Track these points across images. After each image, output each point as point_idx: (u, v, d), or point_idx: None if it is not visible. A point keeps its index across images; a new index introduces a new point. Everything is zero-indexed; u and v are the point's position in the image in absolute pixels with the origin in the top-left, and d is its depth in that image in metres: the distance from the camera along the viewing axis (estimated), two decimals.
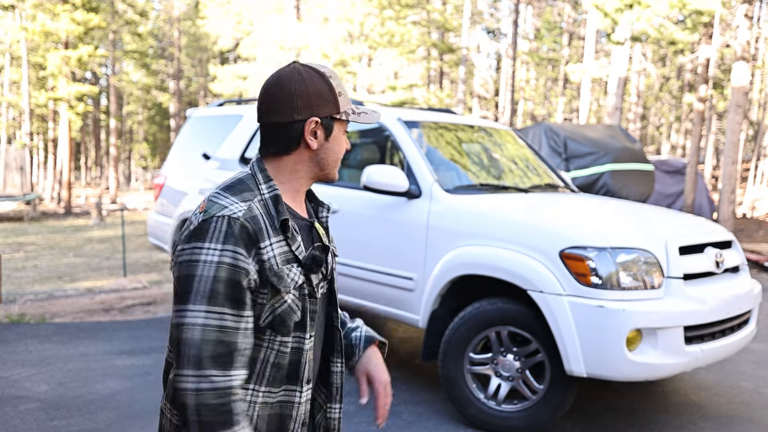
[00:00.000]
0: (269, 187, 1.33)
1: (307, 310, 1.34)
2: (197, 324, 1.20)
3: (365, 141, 4.74)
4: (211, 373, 1.19)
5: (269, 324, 1.30)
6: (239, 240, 1.23)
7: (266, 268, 1.26)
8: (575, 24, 27.02)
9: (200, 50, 36.78)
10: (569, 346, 3.07)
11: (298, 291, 1.32)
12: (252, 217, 1.26)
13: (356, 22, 18.27)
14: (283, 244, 1.31)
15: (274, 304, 1.29)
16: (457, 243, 3.56)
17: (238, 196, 1.29)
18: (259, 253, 1.25)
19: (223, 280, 1.21)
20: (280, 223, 1.30)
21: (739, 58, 10.49)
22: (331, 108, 1.36)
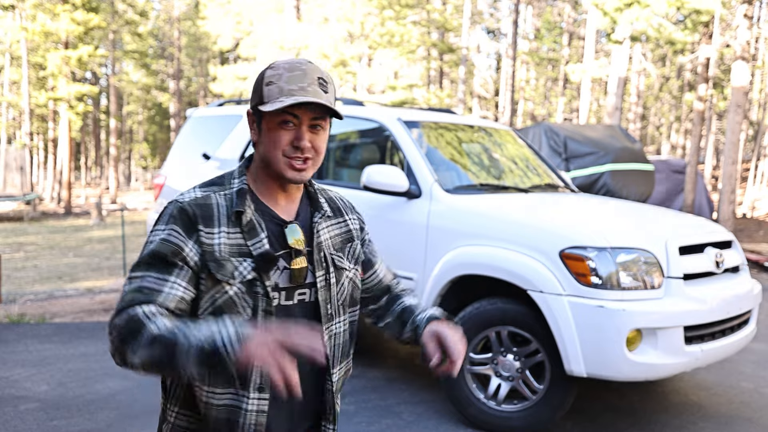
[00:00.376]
0: (240, 181, 1.34)
1: (259, 310, 1.29)
2: (126, 284, 1.27)
3: (365, 141, 4.74)
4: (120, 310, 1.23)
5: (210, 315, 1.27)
6: (178, 221, 1.28)
7: (207, 252, 1.27)
8: (575, 24, 27.02)
9: (200, 50, 36.78)
10: (569, 346, 3.07)
11: (247, 287, 1.28)
12: (201, 204, 1.30)
13: (356, 22, 18.27)
14: (239, 237, 1.29)
15: (215, 293, 1.27)
16: (457, 243, 3.56)
17: (205, 188, 1.34)
18: (200, 236, 1.27)
19: (154, 250, 1.26)
20: (235, 215, 1.30)
21: (739, 58, 10.49)
22: (256, 98, 1.33)
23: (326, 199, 1.49)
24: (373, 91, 19.33)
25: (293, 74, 1.29)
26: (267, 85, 1.30)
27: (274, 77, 1.29)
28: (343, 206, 1.53)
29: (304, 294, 1.36)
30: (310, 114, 1.30)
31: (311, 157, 1.32)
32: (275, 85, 1.29)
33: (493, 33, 34.22)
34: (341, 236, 1.46)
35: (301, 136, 1.30)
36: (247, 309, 1.28)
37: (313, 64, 1.32)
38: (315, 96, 1.28)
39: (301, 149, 1.30)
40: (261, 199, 1.36)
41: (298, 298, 1.35)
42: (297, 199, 1.40)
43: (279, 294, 1.32)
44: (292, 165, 1.31)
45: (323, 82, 1.31)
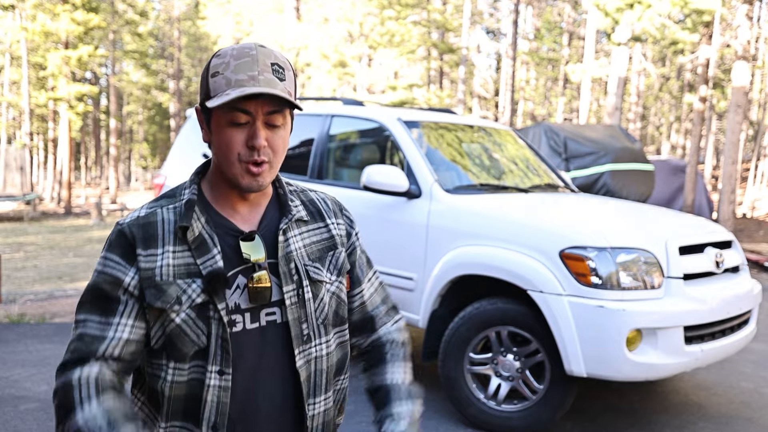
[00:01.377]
0: (190, 191, 1.19)
1: (213, 336, 1.12)
2: (72, 327, 1.17)
3: (365, 141, 4.74)
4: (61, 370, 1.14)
5: (162, 346, 1.14)
6: (115, 247, 1.15)
7: (145, 278, 1.13)
8: (575, 24, 27.03)
9: (200, 50, 36.79)
10: (569, 346, 3.07)
11: (198, 311, 1.12)
12: (143, 224, 1.15)
13: (356, 22, 18.27)
14: (187, 255, 1.14)
15: (164, 321, 1.13)
16: (457, 243, 3.56)
17: (154, 202, 1.21)
18: (138, 261, 1.13)
19: (93, 286, 1.16)
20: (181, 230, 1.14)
21: (739, 58, 10.49)
22: (203, 92, 1.16)
23: (303, 201, 1.30)
24: (373, 91, 19.32)
25: (241, 61, 1.10)
26: (213, 76, 1.12)
27: (220, 66, 1.11)
28: (326, 209, 1.32)
29: (273, 314, 1.18)
30: (264, 107, 1.11)
31: (268, 160, 1.14)
32: (221, 76, 1.11)
33: (493, 33, 34.22)
34: (320, 243, 1.27)
35: (255, 134, 1.11)
36: (201, 336, 1.13)
37: (266, 48, 1.14)
38: (268, 85, 1.09)
39: (257, 149, 1.12)
40: (216, 208, 1.20)
41: (266, 319, 1.18)
42: (262, 205, 1.23)
43: (242, 316, 1.15)
44: (248, 170, 1.13)
45: (278, 69, 1.12)
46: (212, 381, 1.13)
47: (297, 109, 1.14)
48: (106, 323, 1.13)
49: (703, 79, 12.18)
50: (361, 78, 19.03)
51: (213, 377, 1.13)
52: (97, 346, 1.12)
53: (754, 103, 24.80)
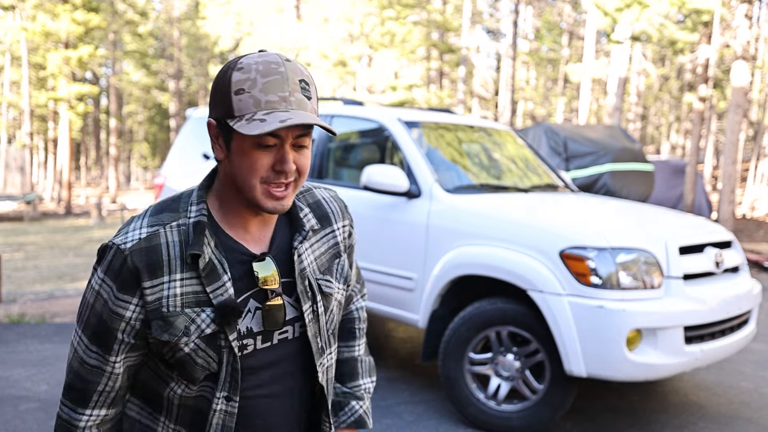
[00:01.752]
0: (197, 210, 1.11)
1: (224, 364, 1.10)
2: (73, 344, 1.14)
3: (365, 141, 4.74)
4: (64, 402, 1.14)
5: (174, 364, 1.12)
6: (117, 277, 1.07)
7: (151, 310, 1.07)
8: (575, 24, 27.03)
9: (200, 50, 36.77)
10: (569, 346, 3.07)
11: (207, 341, 1.09)
12: (147, 248, 1.07)
13: (356, 22, 18.26)
14: (196, 283, 1.08)
15: (172, 348, 1.09)
16: (457, 243, 3.56)
17: (155, 218, 1.11)
18: (144, 294, 1.06)
19: (96, 313, 1.10)
20: (190, 258, 1.07)
21: (739, 58, 10.49)
22: (222, 108, 1.06)
23: (312, 203, 1.25)
24: (373, 91, 19.32)
25: (270, 80, 1.03)
26: (237, 93, 1.04)
27: (246, 83, 1.03)
28: (332, 211, 1.28)
29: (285, 332, 1.16)
30: (295, 131, 1.06)
31: (293, 180, 1.10)
32: (248, 95, 1.03)
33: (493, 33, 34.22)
34: (328, 252, 1.25)
35: (284, 159, 1.05)
36: (212, 363, 1.10)
37: (292, 63, 1.07)
38: (299, 107, 1.04)
39: (285, 173, 1.06)
40: (225, 230, 1.13)
41: (278, 338, 1.16)
42: (273, 220, 1.17)
43: (254, 339, 1.13)
44: (271, 194, 1.07)
45: (305, 86, 1.07)
46: (219, 406, 1.12)
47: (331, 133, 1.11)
48: (105, 358, 1.11)
49: (702, 79, 12.18)
50: (361, 78, 19.03)
51: (221, 402, 1.12)
52: (97, 379, 1.12)
53: (754, 103, 24.79)
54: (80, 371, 1.12)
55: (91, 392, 1.12)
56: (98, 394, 1.12)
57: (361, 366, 1.41)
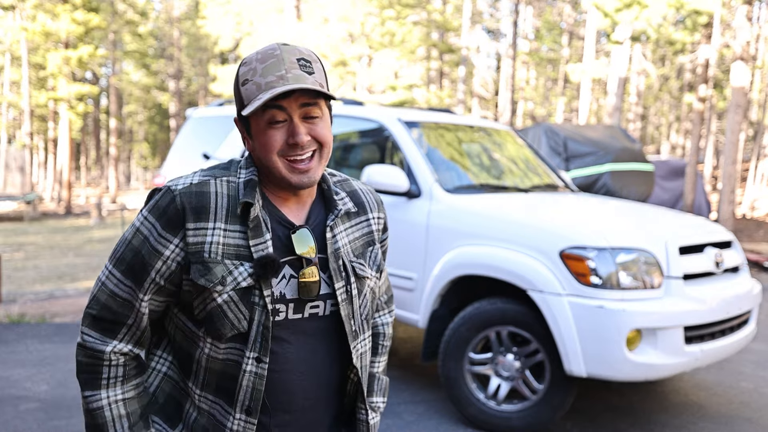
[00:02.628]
0: (249, 172, 1.17)
1: (255, 323, 1.11)
2: (100, 279, 1.17)
3: (365, 141, 4.74)
4: (86, 332, 1.16)
5: (203, 319, 1.14)
6: (162, 215, 1.11)
7: (192, 252, 1.10)
8: (575, 24, 27.03)
9: (200, 50, 36.77)
10: (569, 346, 3.07)
11: (241, 295, 1.11)
12: (196, 192, 1.12)
13: (356, 22, 18.27)
14: (240, 236, 1.12)
15: (205, 298, 1.12)
16: (457, 243, 3.56)
17: (208, 171, 1.18)
18: (186, 235, 1.10)
19: (134, 249, 1.13)
20: (241, 207, 1.12)
21: (738, 58, 10.49)
22: (238, 103, 1.17)
23: (348, 191, 1.29)
24: (373, 91, 19.33)
25: (267, 64, 1.10)
26: (243, 84, 1.13)
27: (249, 73, 1.12)
28: (368, 201, 1.31)
29: (317, 307, 1.18)
30: (298, 102, 1.11)
31: (315, 149, 1.14)
32: (251, 83, 1.11)
33: (493, 33, 34.22)
34: (362, 239, 1.27)
35: (295, 131, 1.11)
36: (242, 321, 1.12)
37: (289, 45, 1.14)
38: (297, 81, 1.09)
39: (300, 145, 1.11)
40: (269, 198, 1.18)
41: (309, 311, 1.18)
42: (308, 202, 1.22)
43: (286, 306, 1.15)
44: (294, 168, 1.13)
45: (305, 63, 1.12)
46: (249, 367, 1.13)
47: (330, 98, 1.14)
48: (136, 293, 1.14)
49: (702, 79, 12.18)
50: (361, 78, 19.03)
51: (251, 363, 1.13)
52: (127, 312, 1.14)
53: (753, 103, 24.80)
54: (110, 303, 1.14)
55: (121, 324, 1.15)
56: (127, 327, 1.15)
57: (377, 384, 1.39)
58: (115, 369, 1.15)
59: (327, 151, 1.16)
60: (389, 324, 1.45)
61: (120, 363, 1.15)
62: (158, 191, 1.14)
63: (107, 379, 1.15)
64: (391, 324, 1.47)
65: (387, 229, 1.36)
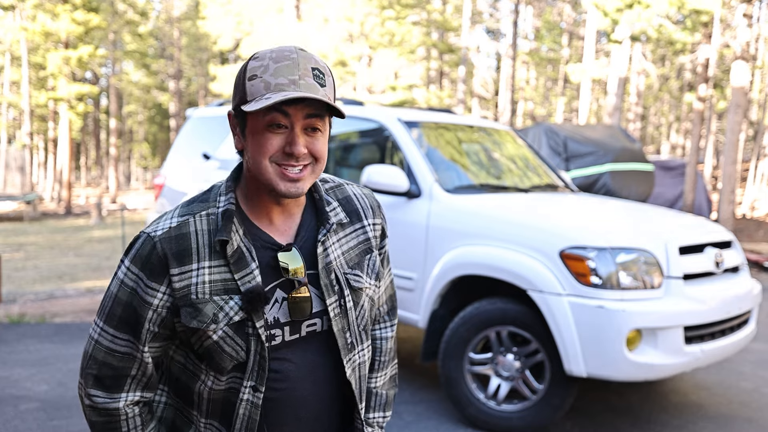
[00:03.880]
0: (226, 199, 1.12)
1: (252, 353, 1.10)
2: (92, 337, 1.13)
3: (365, 141, 4.74)
4: (92, 393, 1.13)
5: (202, 356, 1.13)
6: (146, 265, 1.08)
7: (179, 297, 1.08)
8: (575, 24, 27.03)
9: (200, 50, 36.77)
10: (569, 346, 3.07)
11: (235, 329, 1.09)
12: (176, 236, 1.08)
13: (356, 22, 18.27)
14: (224, 270, 1.09)
15: (201, 336, 1.10)
16: (457, 243, 3.56)
17: (186, 208, 1.13)
18: (171, 282, 1.07)
19: (122, 302, 1.10)
20: (219, 244, 1.09)
21: (738, 58, 10.49)
22: (238, 96, 1.10)
23: (341, 198, 1.25)
24: (373, 91, 19.32)
25: (281, 65, 1.06)
26: (250, 79, 1.07)
27: (259, 69, 1.06)
28: (364, 207, 1.27)
29: (314, 324, 1.16)
30: (304, 112, 1.06)
31: (309, 163, 1.10)
32: (260, 79, 1.06)
33: (493, 33, 34.24)
34: (358, 248, 1.23)
35: (294, 141, 1.06)
36: (240, 352, 1.11)
37: (306, 52, 1.10)
38: (309, 90, 1.05)
39: (295, 156, 1.07)
40: (252, 219, 1.14)
41: (307, 330, 1.16)
42: (298, 213, 1.18)
43: (281, 330, 1.13)
44: (284, 174, 1.08)
45: (319, 74, 1.08)
46: (245, 395, 1.13)
47: (339, 116, 1.08)
48: (135, 345, 1.11)
49: (702, 79, 12.18)
50: (361, 78, 19.03)
51: (247, 392, 1.12)
52: (128, 365, 1.12)
53: (753, 103, 24.80)
54: (109, 360, 1.12)
55: (125, 377, 1.13)
56: (131, 378, 1.13)
57: (375, 399, 1.35)
58: (133, 420, 1.15)
59: (321, 166, 1.13)
60: (389, 339, 1.39)
61: (136, 413, 1.15)
62: (138, 238, 1.12)
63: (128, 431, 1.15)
64: (392, 338, 1.40)
65: (386, 235, 1.32)
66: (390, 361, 1.40)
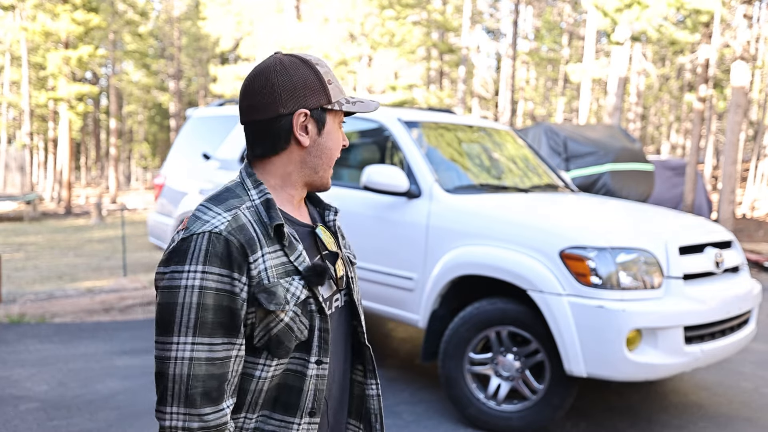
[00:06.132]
0: (260, 191, 1.17)
1: (315, 329, 1.17)
2: (185, 358, 1.06)
3: (365, 141, 4.74)
4: (202, 412, 1.07)
5: (265, 345, 1.14)
6: (224, 259, 1.07)
7: (254, 284, 1.10)
8: (575, 24, 27.02)
9: (200, 50, 36.77)
10: (569, 346, 3.07)
11: (302, 307, 1.15)
12: (238, 227, 1.10)
13: (357, 22, 18.27)
14: (280, 255, 1.14)
15: (269, 323, 1.12)
16: (457, 243, 3.56)
17: (223, 205, 1.13)
18: (250, 269, 1.10)
19: (210, 307, 1.07)
20: (274, 230, 1.14)
21: (739, 58, 10.49)
22: (320, 97, 1.18)
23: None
24: (373, 91, 19.33)
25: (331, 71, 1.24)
26: (329, 83, 1.20)
27: (329, 75, 1.21)
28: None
29: (338, 300, 1.26)
30: None
31: None
32: (334, 85, 1.21)
33: (493, 33, 34.24)
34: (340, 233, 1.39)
35: (344, 137, 1.27)
36: (304, 331, 1.15)
37: None
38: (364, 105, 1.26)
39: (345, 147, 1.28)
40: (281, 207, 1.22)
41: (335, 305, 1.25)
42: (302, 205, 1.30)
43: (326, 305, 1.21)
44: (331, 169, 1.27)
45: None
46: (311, 371, 1.17)
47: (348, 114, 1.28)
48: (233, 343, 1.09)
49: (702, 79, 12.18)
50: (362, 78, 19.03)
51: (312, 367, 1.17)
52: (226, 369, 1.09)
53: (754, 103, 24.80)
54: (212, 371, 1.08)
55: (225, 382, 1.10)
56: (229, 384, 1.11)
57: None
58: None
59: None
60: None
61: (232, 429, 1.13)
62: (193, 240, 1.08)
63: None
64: None
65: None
66: None
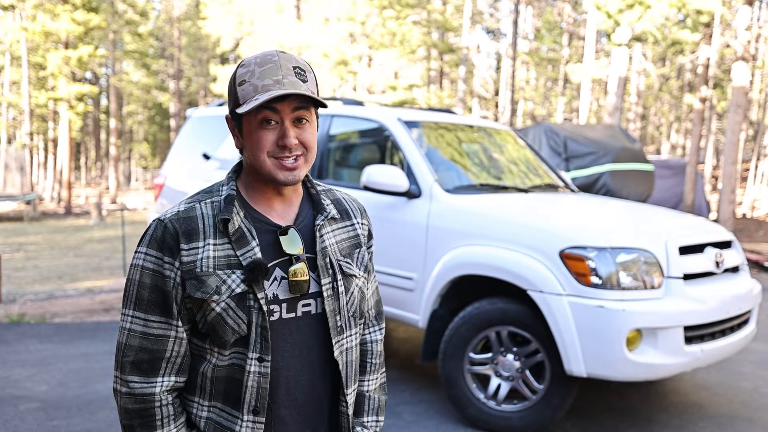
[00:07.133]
0: (228, 187, 1.24)
1: (254, 325, 1.18)
2: (124, 327, 1.21)
3: (365, 141, 4.74)
4: (130, 379, 1.19)
5: (207, 332, 1.21)
6: (162, 244, 1.18)
7: (186, 270, 1.17)
8: (575, 24, 27.02)
9: (200, 50, 36.78)
10: (569, 346, 3.07)
11: (237, 301, 1.17)
12: (184, 218, 1.20)
13: (357, 22, 18.27)
14: (227, 248, 1.19)
15: (205, 311, 1.18)
16: (457, 243, 3.56)
17: (193, 197, 1.25)
18: (181, 255, 1.17)
19: (147, 285, 1.19)
20: (221, 223, 1.20)
21: (739, 58, 10.49)
22: (233, 101, 1.22)
23: (332, 200, 1.37)
24: (373, 91, 19.32)
25: (265, 68, 1.18)
26: (240, 85, 1.20)
27: (246, 75, 1.19)
28: (352, 209, 1.39)
29: (308, 305, 1.25)
30: (291, 106, 1.19)
31: (301, 153, 1.22)
32: (248, 84, 1.18)
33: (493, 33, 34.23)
34: (349, 241, 1.34)
35: (285, 134, 1.19)
36: (241, 325, 1.18)
37: (286, 54, 1.22)
38: (292, 87, 1.17)
39: (288, 148, 1.19)
40: (253, 205, 1.25)
41: (302, 310, 1.24)
42: (296, 203, 1.30)
43: (279, 306, 1.21)
44: (282, 165, 1.20)
45: (300, 71, 1.21)
46: (252, 367, 1.19)
47: (322, 106, 1.21)
48: (169, 323, 1.19)
49: (703, 79, 12.18)
50: (362, 78, 19.02)
51: (253, 364, 1.19)
52: (163, 347, 1.20)
53: (754, 103, 24.79)
54: (144, 344, 1.19)
55: (160, 360, 1.19)
56: (166, 361, 1.20)
57: (367, 403, 1.41)
58: (167, 408, 1.20)
59: (312, 155, 1.25)
60: (378, 342, 1.47)
61: (169, 402, 1.21)
62: (149, 226, 1.22)
63: (161, 419, 1.20)
64: (381, 342, 1.48)
65: (372, 237, 1.43)
66: (380, 366, 1.47)
